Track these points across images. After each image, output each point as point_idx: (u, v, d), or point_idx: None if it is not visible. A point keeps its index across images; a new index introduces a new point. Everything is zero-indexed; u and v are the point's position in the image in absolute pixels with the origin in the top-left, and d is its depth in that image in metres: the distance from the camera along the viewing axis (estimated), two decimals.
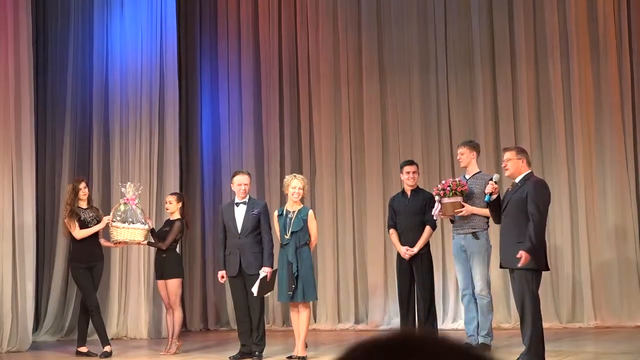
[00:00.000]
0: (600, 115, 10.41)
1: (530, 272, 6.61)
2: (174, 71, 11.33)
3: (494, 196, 7.14)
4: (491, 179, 7.23)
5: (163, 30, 11.30)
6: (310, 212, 8.05)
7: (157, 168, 11.06)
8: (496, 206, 7.02)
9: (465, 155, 8.16)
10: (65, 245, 10.92)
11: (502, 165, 7.13)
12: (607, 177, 10.32)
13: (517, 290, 6.73)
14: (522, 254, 6.51)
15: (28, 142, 9.97)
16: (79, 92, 11.49)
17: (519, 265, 6.54)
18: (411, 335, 1.51)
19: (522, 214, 6.68)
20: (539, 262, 6.65)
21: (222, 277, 8.30)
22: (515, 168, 6.90)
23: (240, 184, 8.28)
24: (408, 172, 8.40)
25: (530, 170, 6.96)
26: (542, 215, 6.64)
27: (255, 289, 7.95)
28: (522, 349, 6.80)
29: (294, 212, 7.95)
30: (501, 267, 7.06)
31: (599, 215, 10.30)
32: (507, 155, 6.98)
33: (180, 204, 9.00)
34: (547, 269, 6.85)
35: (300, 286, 7.84)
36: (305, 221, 7.94)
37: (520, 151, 7.03)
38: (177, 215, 8.96)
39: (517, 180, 6.90)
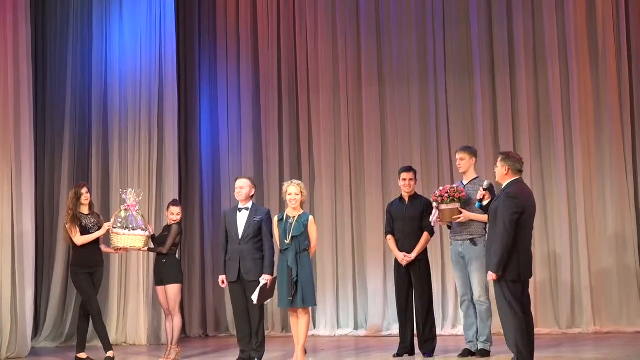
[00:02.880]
0: (600, 122, 10.43)
1: (502, 282, 6.61)
2: (173, 78, 11.35)
3: (485, 202, 7.16)
4: (482, 186, 7.29)
5: (162, 37, 11.32)
6: (311, 217, 8.05)
7: (157, 174, 11.06)
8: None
9: (465, 161, 8.16)
10: (65, 252, 10.95)
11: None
12: (607, 184, 10.33)
13: (496, 299, 6.80)
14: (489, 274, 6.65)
15: (27, 149, 9.98)
16: (78, 99, 11.51)
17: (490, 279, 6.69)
18: None
19: (496, 224, 6.67)
20: (511, 272, 6.60)
21: (223, 281, 8.30)
22: (499, 175, 6.86)
23: (237, 187, 8.34)
24: (405, 179, 8.40)
25: (512, 179, 6.76)
26: (506, 229, 6.53)
27: (255, 297, 7.95)
28: None
29: (294, 217, 7.97)
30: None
31: (599, 222, 10.31)
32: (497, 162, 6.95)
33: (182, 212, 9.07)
34: (519, 278, 6.61)
35: (299, 292, 7.83)
36: (305, 226, 7.93)
37: (505, 158, 6.88)
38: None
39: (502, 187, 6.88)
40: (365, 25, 11.45)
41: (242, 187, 8.35)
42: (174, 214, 8.90)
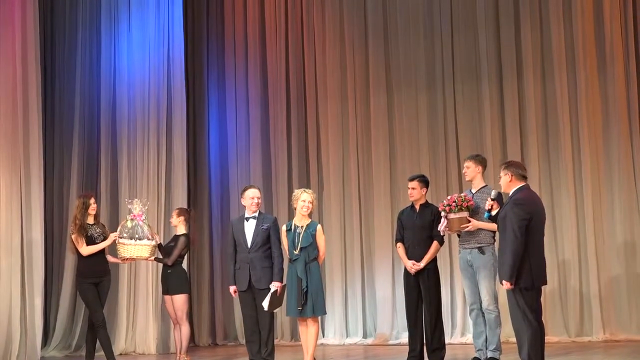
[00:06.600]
0: (608, 129, 10.41)
1: (516, 290, 6.58)
2: (181, 87, 11.38)
3: (494, 212, 7.15)
4: (490, 196, 7.29)
5: (170, 45, 11.36)
6: (319, 226, 8.05)
7: (165, 184, 11.09)
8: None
9: (470, 170, 8.15)
10: (74, 262, 10.93)
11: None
12: (615, 191, 10.30)
13: (509, 308, 6.78)
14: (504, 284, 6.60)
15: (36, 158, 10.03)
16: (86, 107, 11.55)
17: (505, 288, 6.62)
18: None
19: (505, 232, 6.65)
20: (525, 280, 6.58)
21: (235, 291, 8.28)
22: (504, 184, 6.86)
23: (253, 197, 8.29)
24: (408, 188, 8.41)
25: (518, 187, 6.76)
26: (516, 236, 6.50)
27: (265, 304, 7.94)
28: None
29: (302, 227, 7.96)
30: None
31: (607, 229, 10.28)
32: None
33: (181, 218, 9.04)
34: (533, 285, 6.60)
35: (309, 301, 7.83)
36: (314, 236, 7.94)
37: (507, 165, 6.89)
38: (182, 231, 9.00)
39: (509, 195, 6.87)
40: (373, 33, 11.46)
41: (259, 197, 8.36)
42: (173, 217, 9.01)
